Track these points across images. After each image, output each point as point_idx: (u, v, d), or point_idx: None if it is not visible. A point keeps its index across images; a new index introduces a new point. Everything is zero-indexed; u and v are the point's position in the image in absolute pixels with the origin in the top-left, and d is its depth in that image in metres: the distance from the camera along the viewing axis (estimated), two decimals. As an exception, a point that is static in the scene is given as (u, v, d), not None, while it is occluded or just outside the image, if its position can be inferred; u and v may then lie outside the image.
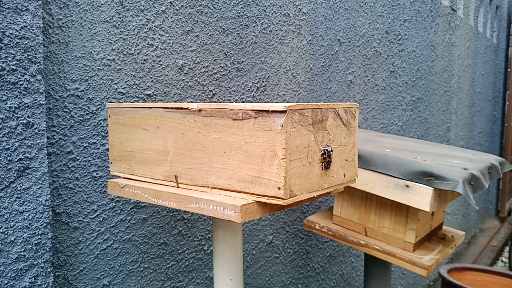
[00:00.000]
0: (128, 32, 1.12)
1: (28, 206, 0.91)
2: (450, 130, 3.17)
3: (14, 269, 0.90)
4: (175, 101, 1.25)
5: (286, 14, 1.59)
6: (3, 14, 0.84)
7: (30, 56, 0.89)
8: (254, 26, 1.47)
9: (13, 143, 0.88)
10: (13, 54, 0.86)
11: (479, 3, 3.63)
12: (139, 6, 1.14)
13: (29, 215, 0.91)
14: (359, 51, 2.02)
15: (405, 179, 1.21)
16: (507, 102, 4.53)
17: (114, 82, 1.10)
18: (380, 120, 2.24)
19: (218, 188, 0.84)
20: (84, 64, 1.04)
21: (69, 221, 1.05)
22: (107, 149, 1.10)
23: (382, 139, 1.56)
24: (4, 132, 0.86)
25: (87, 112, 1.06)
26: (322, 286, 1.93)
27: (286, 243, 1.71)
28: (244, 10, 1.43)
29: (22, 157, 0.89)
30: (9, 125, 0.87)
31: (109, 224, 1.12)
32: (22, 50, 0.87)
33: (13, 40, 0.86)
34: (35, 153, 0.91)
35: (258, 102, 1.53)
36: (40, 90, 0.91)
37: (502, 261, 3.89)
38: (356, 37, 1.99)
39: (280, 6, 1.56)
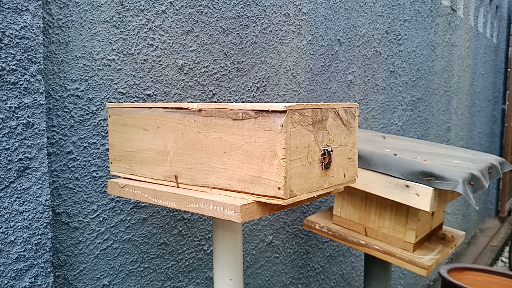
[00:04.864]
0: (128, 32, 1.12)
1: (28, 206, 0.91)
2: (450, 130, 3.17)
3: (14, 269, 0.90)
4: (175, 101, 1.25)
5: (286, 14, 1.59)
6: (3, 14, 0.84)
7: (30, 56, 0.89)
8: (254, 26, 1.47)
9: (13, 143, 0.88)
10: (13, 54, 0.86)
11: (479, 3, 3.63)
12: (139, 6, 1.14)
13: (29, 215, 0.91)
14: (359, 51, 2.02)
15: (405, 179, 1.21)
16: (507, 102, 4.53)
17: (114, 82, 1.10)
18: (380, 120, 2.24)
19: (218, 188, 0.84)
20: (84, 64, 1.04)
21: (69, 221, 1.05)
22: (107, 149, 1.10)
23: (382, 139, 1.56)
24: (4, 132, 0.86)
25: (87, 112, 1.06)
26: (322, 286, 1.93)
27: (286, 243, 1.71)
28: (244, 10, 1.43)
29: (22, 157, 0.89)
30: (9, 125, 0.87)
31: (109, 224, 1.12)
32: (22, 50, 0.87)
33: (13, 40, 0.86)
34: (35, 153, 0.91)
35: (258, 102, 1.53)
36: (40, 90, 0.91)
37: (502, 261, 3.89)
38: (356, 37, 1.99)
39: (280, 6, 1.56)
